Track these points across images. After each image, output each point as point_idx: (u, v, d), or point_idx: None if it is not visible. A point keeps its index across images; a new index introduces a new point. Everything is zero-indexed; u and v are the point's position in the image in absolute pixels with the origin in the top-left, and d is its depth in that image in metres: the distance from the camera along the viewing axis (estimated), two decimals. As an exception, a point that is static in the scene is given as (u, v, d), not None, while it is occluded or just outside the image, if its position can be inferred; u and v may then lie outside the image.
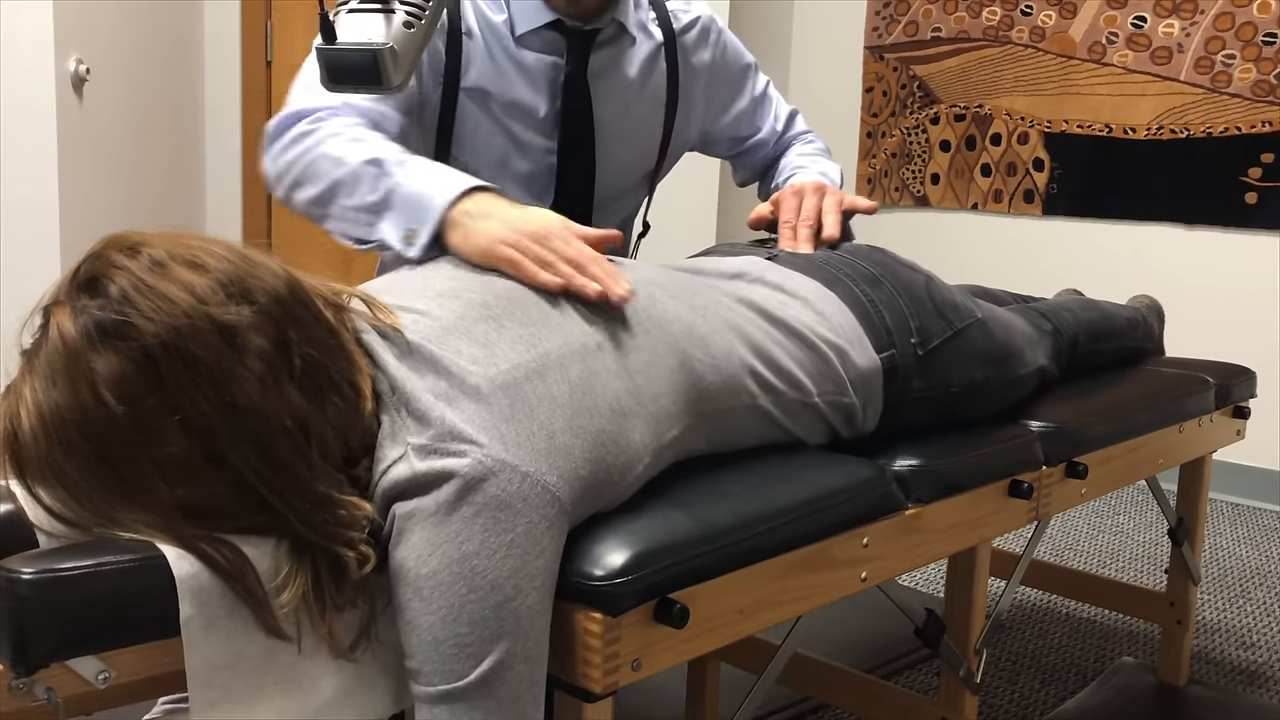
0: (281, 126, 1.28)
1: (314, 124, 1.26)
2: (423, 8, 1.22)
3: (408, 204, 1.15)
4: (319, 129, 1.25)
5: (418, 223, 1.13)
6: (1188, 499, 1.96)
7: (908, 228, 3.94)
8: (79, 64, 2.73)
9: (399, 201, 1.16)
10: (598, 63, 1.45)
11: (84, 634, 0.78)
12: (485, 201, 1.12)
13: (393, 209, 1.16)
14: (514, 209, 1.10)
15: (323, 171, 1.22)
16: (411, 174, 1.17)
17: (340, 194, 1.21)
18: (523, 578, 0.84)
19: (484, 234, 1.07)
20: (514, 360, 0.90)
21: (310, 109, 1.27)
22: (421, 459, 0.84)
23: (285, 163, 1.26)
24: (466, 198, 1.12)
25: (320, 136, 1.24)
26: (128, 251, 0.83)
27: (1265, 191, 3.18)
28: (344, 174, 1.20)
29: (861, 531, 1.13)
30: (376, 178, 1.18)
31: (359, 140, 1.23)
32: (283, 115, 1.29)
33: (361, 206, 1.19)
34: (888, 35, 3.93)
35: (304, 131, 1.26)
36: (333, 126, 1.25)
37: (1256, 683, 2.03)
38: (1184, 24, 3.29)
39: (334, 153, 1.22)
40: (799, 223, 1.38)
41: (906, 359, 1.21)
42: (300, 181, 1.25)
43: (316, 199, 1.23)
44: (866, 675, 1.59)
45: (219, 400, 0.80)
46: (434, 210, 1.12)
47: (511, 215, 1.09)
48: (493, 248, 1.05)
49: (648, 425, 0.97)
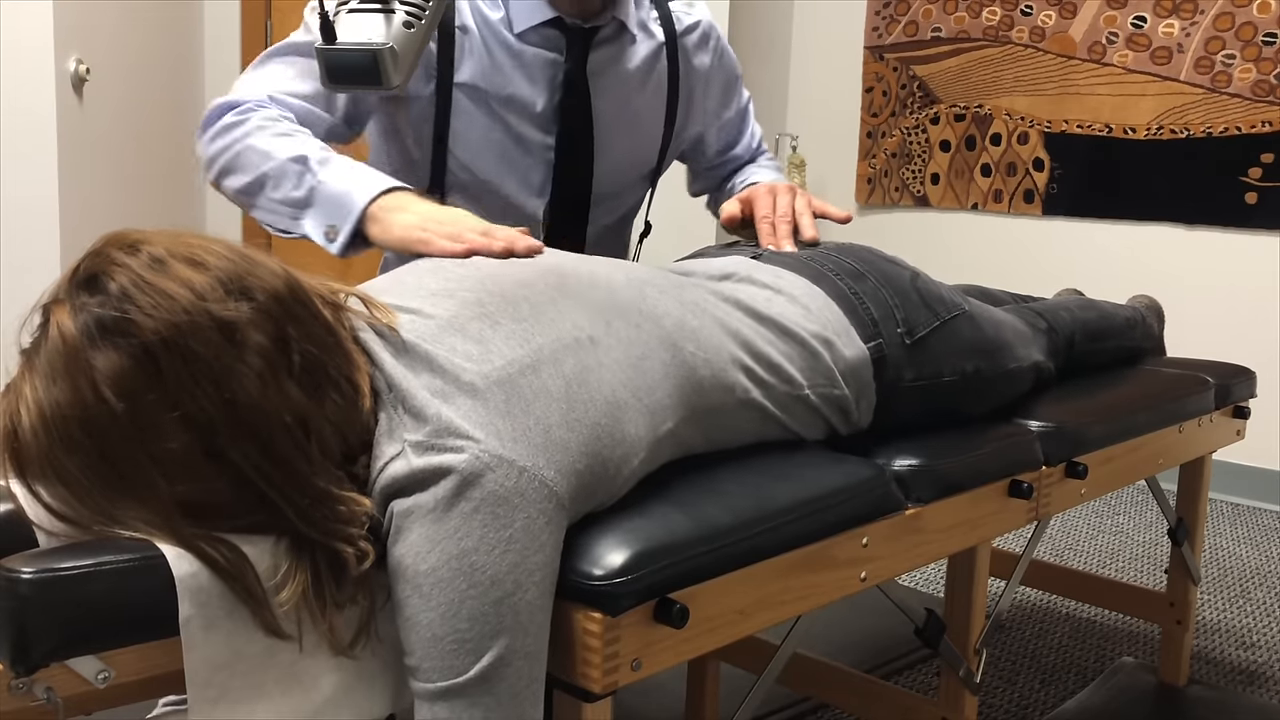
0: (213, 116, 1.34)
1: (242, 115, 1.32)
2: (423, 8, 1.22)
3: (329, 202, 1.22)
4: (247, 120, 1.31)
5: (338, 220, 1.21)
6: (1188, 499, 1.96)
7: (908, 228, 3.94)
8: (79, 64, 2.73)
9: (321, 199, 1.23)
10: (597, 60, 1.46)
11: (84, 634, 0.78)
12: (402, 198, 1.21)
13: (315, 206, 1.24)
14: (429, 204, 1.19)
15: (250, 163, 1.28)
16: (333, 173, 1.24)
17: (267, 186, 1.27)
18: (522, 573, 0.84)
19: (399, 225, 1.16)
20: (508, 356, 0.90)
21: (240, 100, 1.33)
22: (419, 455, 0.84)
23: (215, 150, 1.32)
24: (384, 196, 1.20)
25: (248, 128, 1.30)
26: (128, 249, 0.84)
27: (1265, 191, 3.18)
28: (270, 168, 1.26)
29: (861, 531, 1.13)
30: (300, 175, 1.25)
31: (286, 135, 1.29)
32: (215, 105, 1.35)
33: (286, 201, 1.26)
34: (888, 35, 3.93)
35: (232, 122, 1.31)
36: (259, 119, 1.31)
37: (1256, 683, 2.03)
38: (1184, 24, 3.29)
39: (261, 146, 1.28)
40: (777, 219, 1.39)
41: (894, 348, 1.22)
42: (229, 170, 1.31)
43: (244, 189, 1.29)
44: (866, 675, 1.59)
45: (219, 396, 0.81)
46: (353, 208, 1.20)
47: (426, 209, 1.18)
48: (406, 233, 1.14)
49: (643, 418, 0.97)
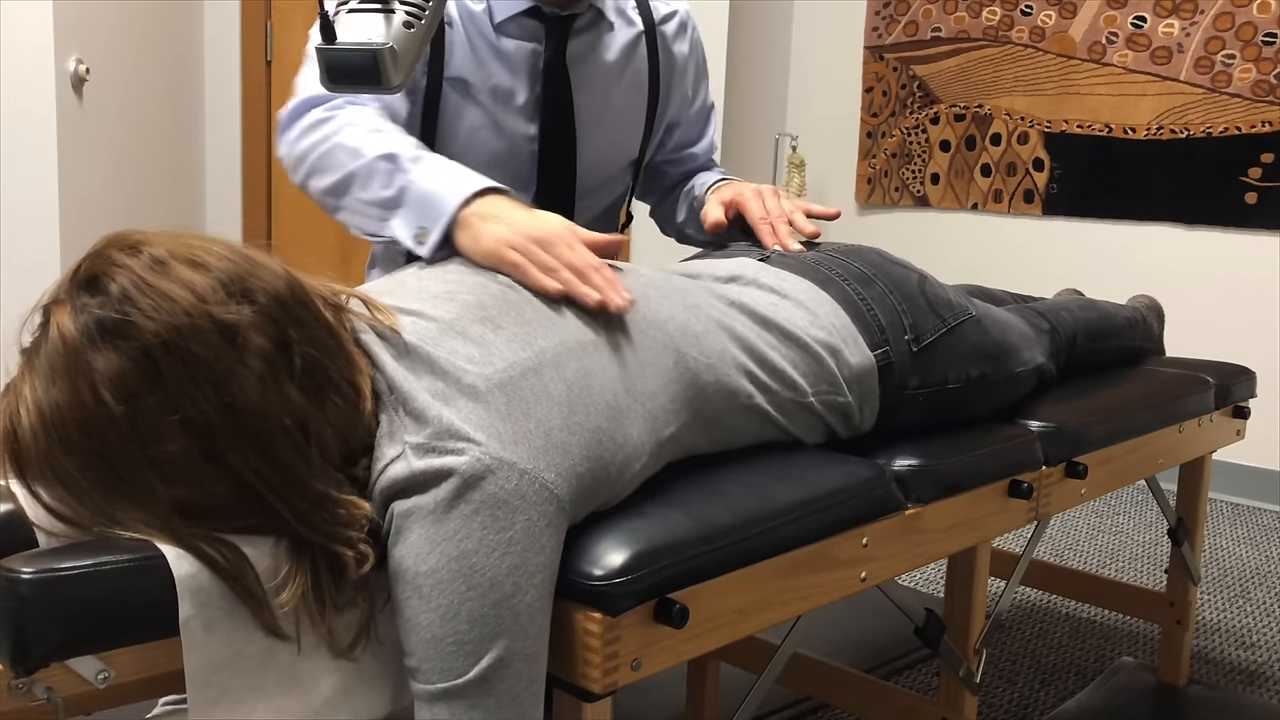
0: (296, 113, 1.29)
1: (330, 111, 1.27)
2: (423, 8, 1.22)
3: (420, 202, 1.16)
4: (336, 117, 1.26)
5: (429, 222, 1.14)
6: (1188, 499, 1.96)
7: (908, 228, 3.94)
8: (79, 64, 2.73)
9: (411, 199, 1.16)
10: (576, 48, 1.45)
11: (84, 634, 0.78)
12: (495, 204, 1.13)
13: (405, 206, 1.17)
14: (523, 212, 1.11)
15: (338, 162, 1.23)
16: (425, 172, 1.17)
17: (354, 186, 1.21)
18: (521, 575, 0.84)
19: (491, 236, 1.08)
20: (510, 359, 0.90)
21: (325, 95, 1.27)
22: (419, 457, 0.84)
23: (302, 149, 1.27)
24: (478, 199, 1.13)
25: (337, 125, 1.25)
26: (129, 250, 0.83)
27: (1265, 191, 3.18)
28: (359, 166, 1.21)
29: (861, 531, 1.13)
30: (391, 173, 1.19)
31: (377, 132, 1.24)
32: (298, 101, 1.29)
33: (375, 201, 1.20)
34: (888, 35, 3.93)
35: (320, 119, 1.26)
36: (350, 115, 1.26)
37: (1256, 683, 2.03)
38: (1184, 24, 3.29)
39: (350, 143, 1.22)
40: (775, 220, 1.38)
41: (901, 356, 1.21)
42: (316, 170, 1.25)
43: (331, 189, 1.24)
44: (866, 675, 1.59)
45: (219, 399, 0.80)
46: (445, 210, 1.13)
47: (519, 219, 1.09)
48: (498, 250, 1.06)
49: (644, 422, 0.97)
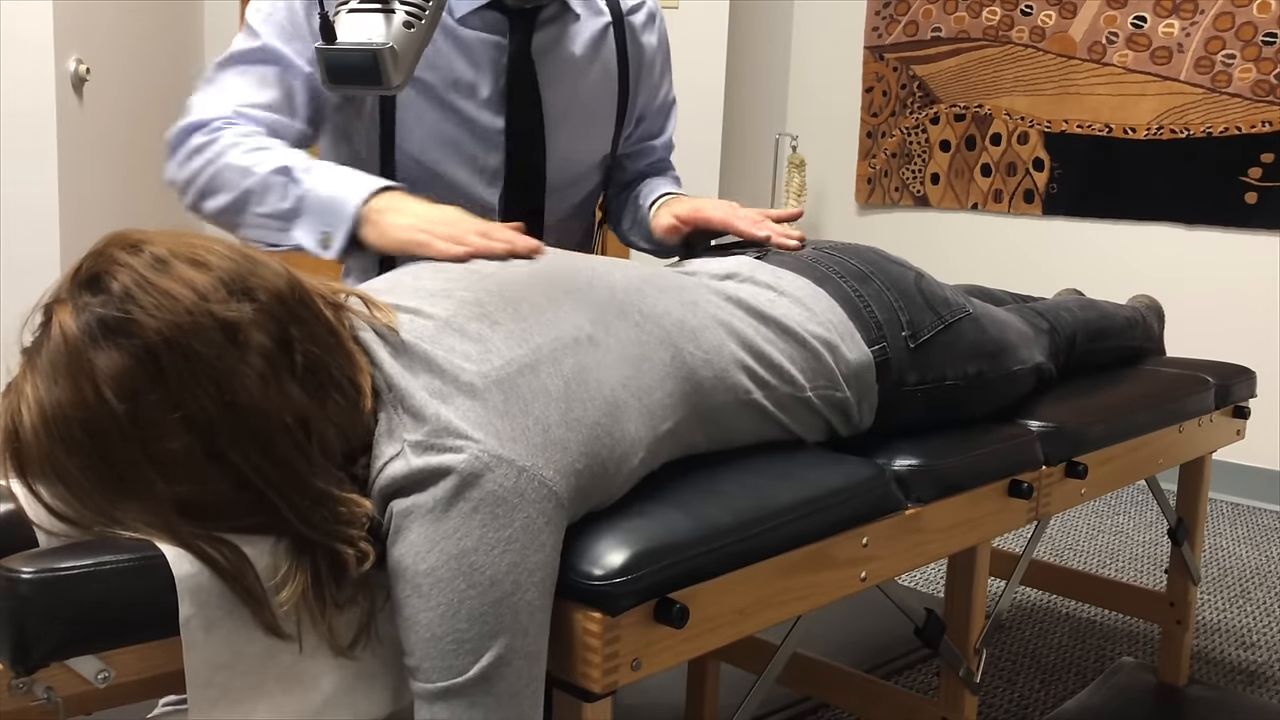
0: (179, 138, 1.32)
1: (211, 134, 1.30)
2: (423, 8, 1.22)
3: (320, 208, 1.21)
4: (218, 139, 1.29)
5: (331, 226, 1.20)
6: (1188, 499, 1.96)
7: (908, 228, 3.94)
8: (79, 64, 2.73)
9: (311, 207, 1.21)
10: (541, 41, 1.43)
11: (84, 634, 0.78)
12: (395, 199, 1.19)
13: (305, 214, 1.22)
14: (423, 204, 1.17)
15: (230, 181, 1.26)
16: (319, 179, 1.22)
17: (251, 203, 1.25)
18: (521, 573, 0.84)
19: (395, 226, 1.15)
20: (507, 356, 0.90)
21: (205, 119, 1.31)
22: (418, 455, 0.84)
23: (189, 173, 1.30)
24: (376, 197, 1.19)
25: (220, 147, 1.28)
26: (130, 249, 0.84)
27: (1265, 191, 3.18)
28: (253, 183, 1.25)
29: (861, 531, 1.13)
30: (285, 185, 1.23)
31: (262, 149, 1.27)
32: (180, 126, 1.32)
33: (273, 214, 1.24)
34: (888, 35, 3.93)
35: (202, 143, 1.29)
36: (231, 136, 1.29)
37: (1256, 683, 2.03)
38: (1184, 24, 3.29)
39: (239, 163, 1.26)
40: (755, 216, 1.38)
41: (898, 352, 1.22)
42: (207, 192, 1.29)
43: (226, 208, 1.27)
44: (866, 675, 1.59)
45: (220, 397, 0.81)
46: (347, 212, 1.18)
47: (420, 209, 1.16)
48: (403, 234, 1.13)
49: (642, 417, 0.97)
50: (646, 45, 1.55)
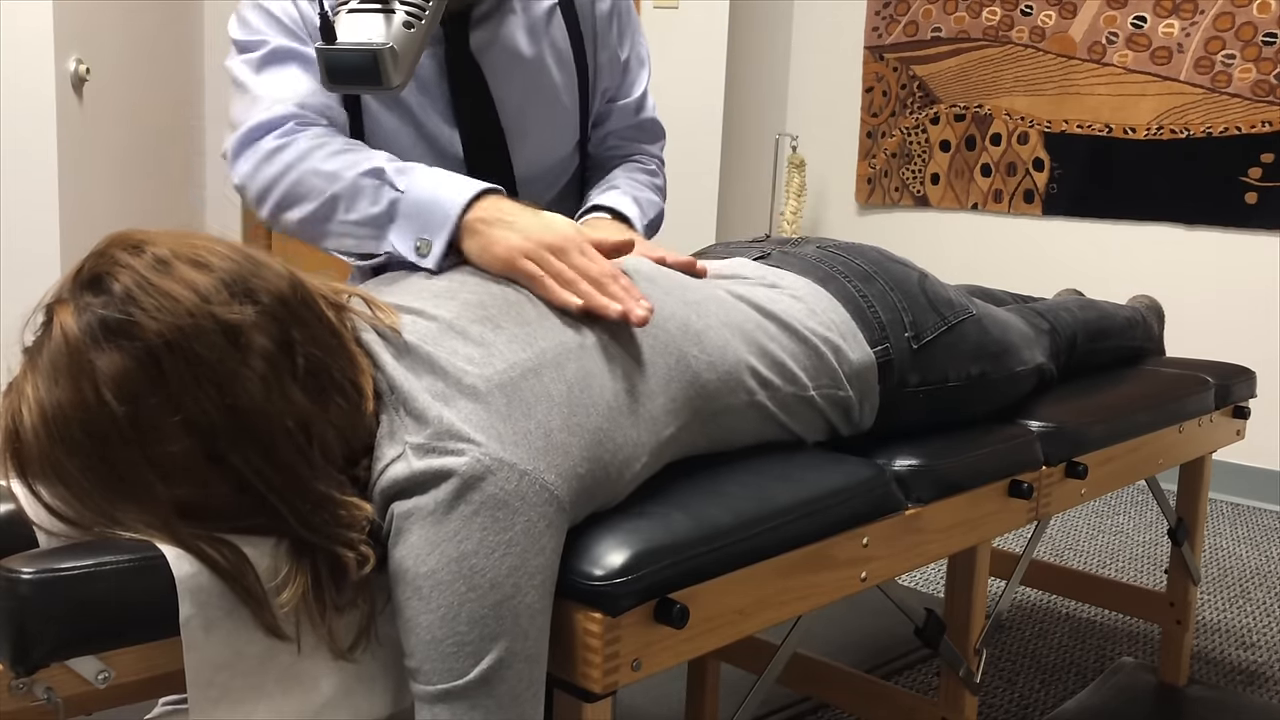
0: (247, 141, 1.25)
1: (285, 137, 1.23)
2: (423, 8, 1.22)
3: (416, 213, 1.12)
4: (294, 143, 1.22)
5: (429, 232, 1.10)
6: (1188, 499, 1.96)
7: (908, 228, 3.94)
8: (79, 64, 2.73)
9: (406, 211, 1.13)
10: (480, 40, 1.35)
11: (84, 634, 0.78)
12: (498, 206, 1.10)
13: (400, 219, 1.13)
14: (529, 215, 1.08)
15: (315, 188, 1.19)
16: (416, 182, 1.14)
17: (339, 209, 1.18)
18: (522, 576, 0.84)
19: (502, 244, 1.05)
20: (510, 359, 0.90)
21: (274, 119, 1.24)
22: (419, 458, 0.84)
23: (265, 181, 1.23)
24: (478, 202, 1.10)
25: (299, 151, 1.21)
26: (132, 250, 0.83)
27: (1265, 191, 3.18)
28: (341, 188, 1.17)
29: (861, 531, 1.13)
30: (378, 189, 1.15)
31: (348, 150, 1.21)
32: (245, 130, 1.25)
33: (365, 220, 1.16)
34: (888, 35, 3.93)
35: (276, 146, 1.22)
36: (309, 139, 1.22)
37: (1256, 683, 2.03)
38: (1184, 24, 3.29)
39: (324, 167, 1.19)
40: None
41: (901, 353, 1.22)
42: (289, 201, 1.21)
43: (311, 217, 1.20)
44: (866, 675, 1.59)
45: (221, 399, 0.80)
46: (447, 218, 1.09)
47: (528, 224, 1.06)
48: (513, 259, 1.03)
49: (645, 423, 0.97)
50: (599, 14, 1.45)
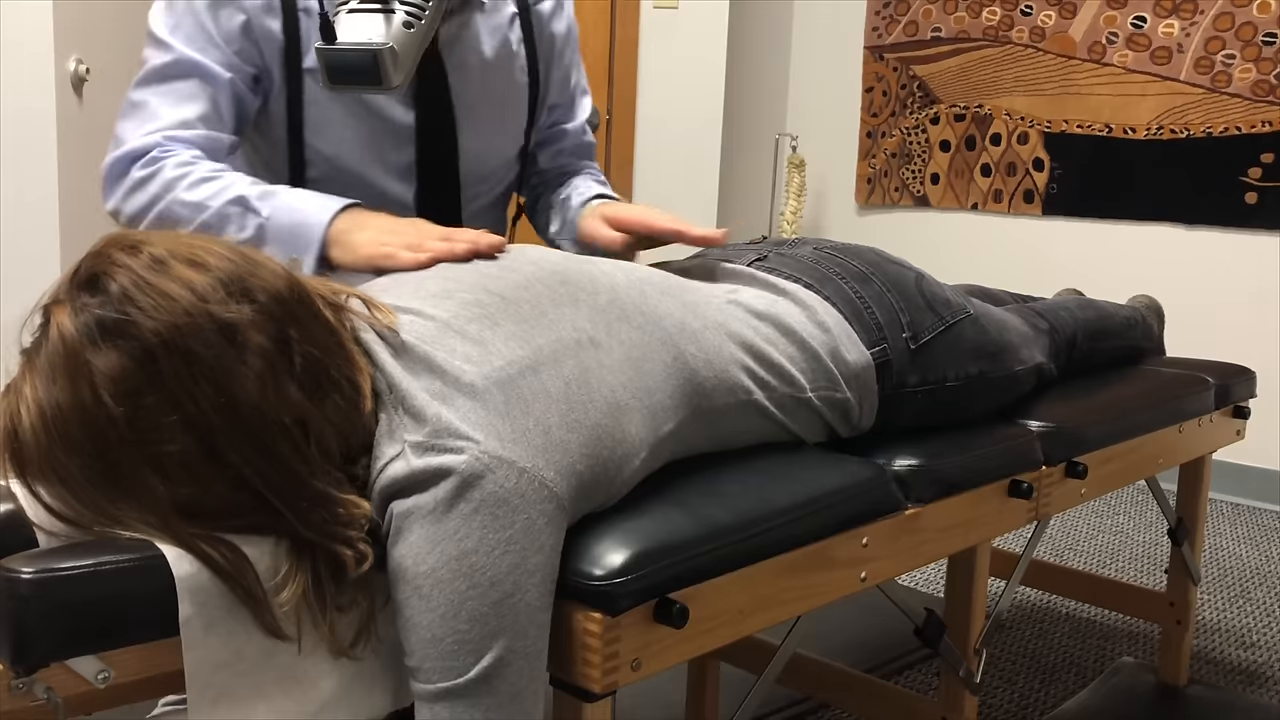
0: (117, 170, 1.28)
1: (150, 167, 1.26)
2: (423, 8, 1.22)
3: (284, 235, 1.20)
4: (159, 171, 1.25)
5: (299, 251, 1.19)
6: (1188, 499, 1.96)
7: (908, 228, 3.94)
8: (79, 64, 2.73)
9: (274, 235, 1.20)
10: (447, 34, 1.39)
11: (84, 634, 0.78)
12: (358, 216, 1.19)
13: (269, 243, 1.20)
14: (384, 218, 1.18)
15: (183, 218, 1.24)
16: (280, 206, 1.21)
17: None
18: (521, 574, 0.84)
19: (360, 244, 1.15)
20: (508, 357, 0.90)
21: (140, 149, 1.27)
22: (418, 456, 0.84)
23: (134, 210, 1.26)
24: (339, 218, 1.19)
25: (164, 182, 1.25)
26: (129, 250, 0.83)
27: (1265, 191, 3.18)
28: (208, 217, 1.22)
29: (861, 531, 1.13)
30: (244, 215, 1.22)
31: (209, 179, 1.24)
32: (115, 157, 1.28)
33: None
34: (888, 35, 3.93)
35: (143, 177, 1.26)
36: (172, 169, 1.25)
37: (1256, 683, 2.03)
38: (1184, 24, 3.29)
39: (188, 198, 1.23)
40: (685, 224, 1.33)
41: (899, 354, 1.22)
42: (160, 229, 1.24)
43: None
44: (866, 675, 1.59)
45: (219, 398, 0.80)
46: (313, 236, 1.18)
47: (383, 223, 1.17)
48: (369, 249, 1.14)
49: (643, 419, 0.97)
50: (556, 33, 1.52)
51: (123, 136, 1.30)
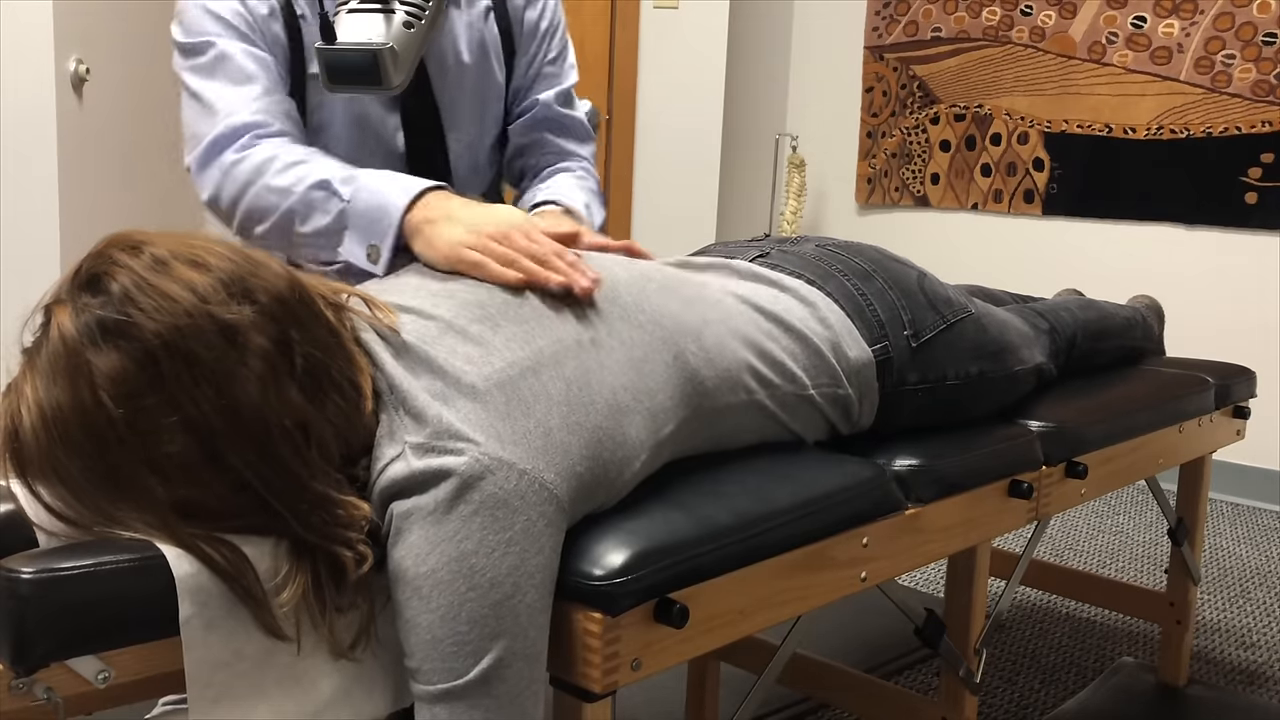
0: (207, 159, 1.27)
1: (241, 153, 1.25)
2: (423, 8, 1.22)
3: (364, 221, 1.16)
4: (248, 157, 1.24)
5: (377, 238, 1.14)
6: (1188, 499, 1.96)
7: (908, 228, 3.94)
8: (79, 64, 2.73)
9: (354, 220, 1.16)
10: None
11: (84, 634, 0.78)
12: (441, 203, 1.12)
13: (350, 228, 1.17)
14: (472, 208, 1.11)
15: (270, 205, 1.22)
16: (361, 189, 1.17)
17: (295, 223, 1.21)
18: (521, 575, 0.84)
19: (445, 239, 1.07)
20: (509, 358, 0.90)
21: (229, 131, 1.26)
22: (419, 457, 0.84)
23: (229, 199, 1.25)
24: (419, 202, 1.13)
25: (256, 166, 1.23)
26: (130, 250, 0.83)
27: (1265, 191, 3.18)
28: (294, 203, 1.20)
29: (861, 531, 1.13)
30: (327, 199, 1.19)
31: (299, 163, 1.23)
32: (205, 146, 1.27)
33: (319, 231, 1.19)
34: (888, 35, 3.93)
35: (235, 161, 1.24)
36: (263, 152, 1.24)
37: (1256, 683, 2.03)
38: (1184, 24, 3.29)
39: (276, 183, 1.22)
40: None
41: (900, 351, 1.22)
42: (250, 219, 1.24)
43: (272, 231, 1.23)
44: (866, 675, 1.59)
45: (219, 399, 0.80)
46: (390, 223, 1.13)
47: (471, 216, 1.09)
48: (455, 252, 1.05)
49: (644, 420, 0.97)
50: (528, 20, 1.49)
51: (198, 131, 1.27)
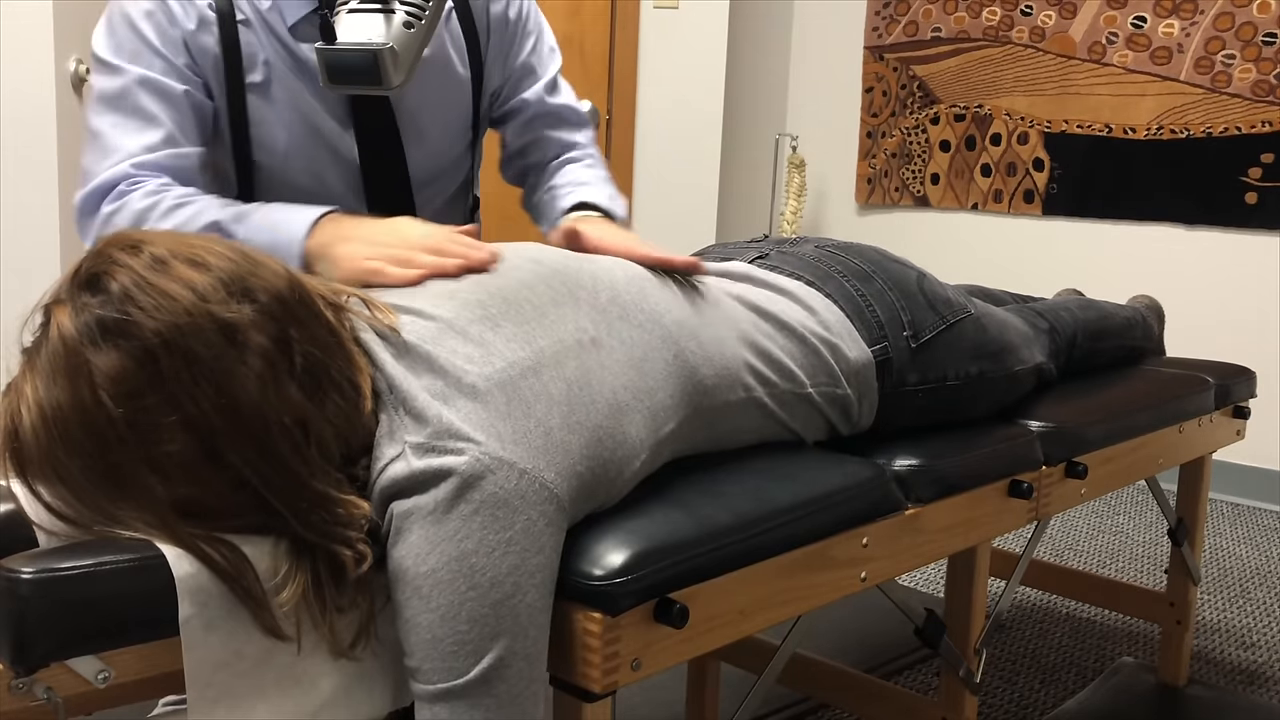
0: (87, 208, 1.25)
1: (117, 201, 1.23)
2: (423, 8, 1.22)
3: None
4: (126, 204, 1.22)
5: None
6: (1188, 499, 1.96)
7: (908, 228, 3.94)
8: (79, 64, 2.73)
9: None
10: None
11: (84, 634, 0.78)
12: (338, 226, 1.14)
13: None
14: (368, 224, 1.12)
15: None
16: (254, 226, 1.17)
17: None
18: (522, 575, 0.84)
19: (346, 258, 1.09)
20: (509, 358, 0.90)
21: (107, 183, 1.24)
22: (419, 457, 0.84)
23: None
24: (315, 230, 1.14)
25: (136, 213, 1.21)
26: (129, 249, 0.84)
27: (1265, 191, 3.18)
28: None
29: (861, 531, 1.13)
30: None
31: (180, 206, 1.21)
32: (84, 195, 1.25)
33: None
34: (888, 35, 3.93)
35: (113, 211, 1.22)
36: (140, 199, 1.22)
37: (1256, 683, 2.03)
38: (1184, 24, 3.29)
39: (161, 228, 1.19)
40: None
41: (900, 352, 1.22)
42: None
43: None
44: (866, 675, 1.59)
45: (219, 398, 0.80)
46: (290, 254, 1.13)
47: (367, 233, 1.10)
48: (355, 264, 1.07)
49: (644, 419, 0.97)
50: (494, 15, 1.45)
51: (89, 170, 1.26)
